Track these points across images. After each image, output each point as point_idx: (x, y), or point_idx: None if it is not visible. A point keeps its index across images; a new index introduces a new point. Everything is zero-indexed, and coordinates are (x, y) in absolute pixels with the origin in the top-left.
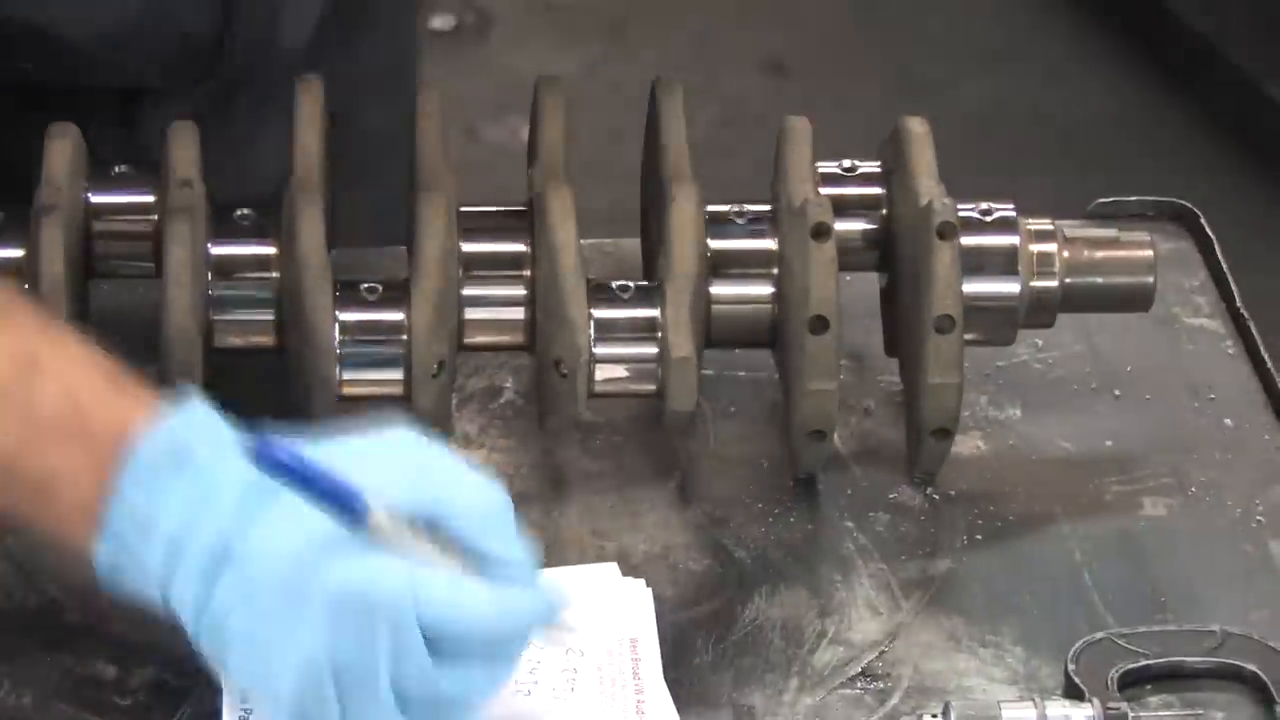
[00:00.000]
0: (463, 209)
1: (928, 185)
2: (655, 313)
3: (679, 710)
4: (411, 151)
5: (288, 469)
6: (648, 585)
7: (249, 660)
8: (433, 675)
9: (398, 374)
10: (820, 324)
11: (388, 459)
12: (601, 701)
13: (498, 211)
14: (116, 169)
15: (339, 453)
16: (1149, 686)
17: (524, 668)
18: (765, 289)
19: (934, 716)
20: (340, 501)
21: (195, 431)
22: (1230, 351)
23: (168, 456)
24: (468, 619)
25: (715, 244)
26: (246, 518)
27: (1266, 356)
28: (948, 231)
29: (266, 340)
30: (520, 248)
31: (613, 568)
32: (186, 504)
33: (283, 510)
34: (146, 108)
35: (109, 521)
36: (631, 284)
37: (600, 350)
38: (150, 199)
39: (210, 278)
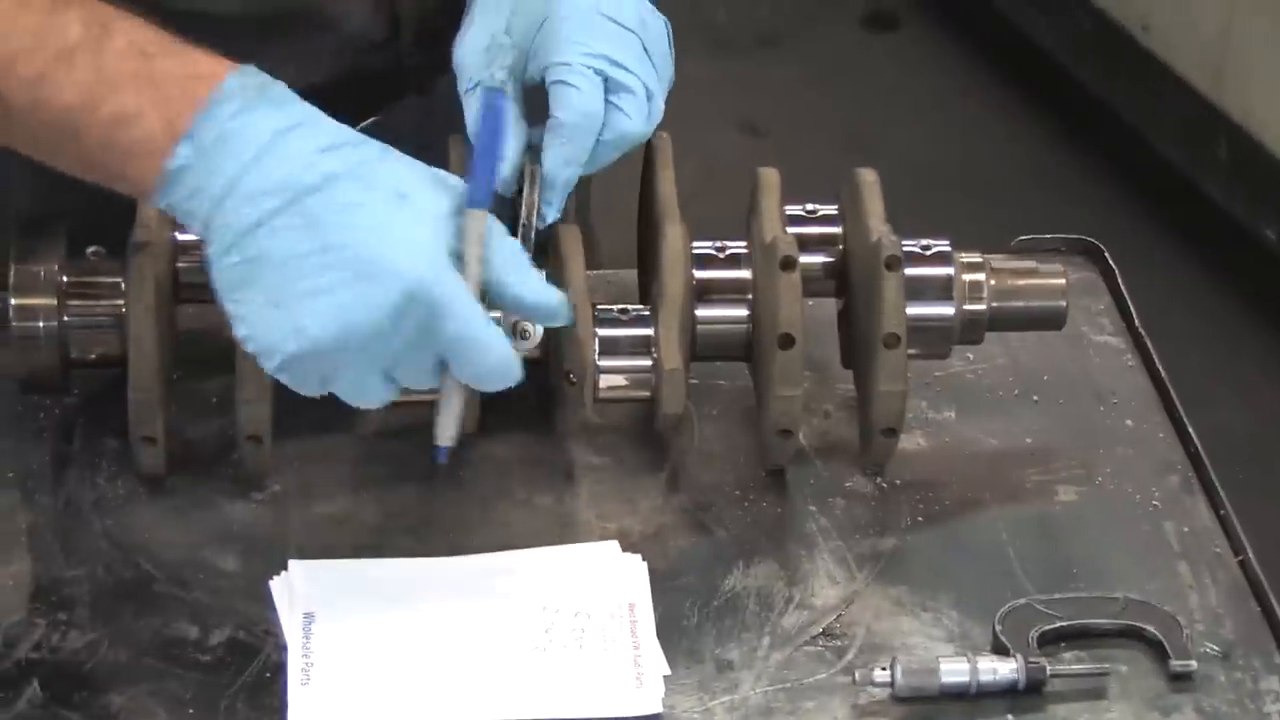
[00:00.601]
0: None
1: (877, 225)
2: (650, 331)
3: (670, 663)
4: None
5: (504, 119)
6: (643, 560)
7: (282, 282)
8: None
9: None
10: (787, 341)
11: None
12: (605, 657)
13: None
14: None
15: None
16: (1063, 644)
17: (539, 628)
18: (741, 311)
19: (883, 669)
20: (483, 179)
21: (270, 78)
22: (1130, 363)
23: (252, 85)
24: (487, 362)
25: (700, 274)
26: (329, 174)
27: (1160, 367)
28: (894, 264)
29: None
30: None
31: (613, 545)
32: (267, 123)
33: (373, 167)
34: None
35: (194, 131)
36: (630, 308)
37: (604, 363)
38: None
39: None
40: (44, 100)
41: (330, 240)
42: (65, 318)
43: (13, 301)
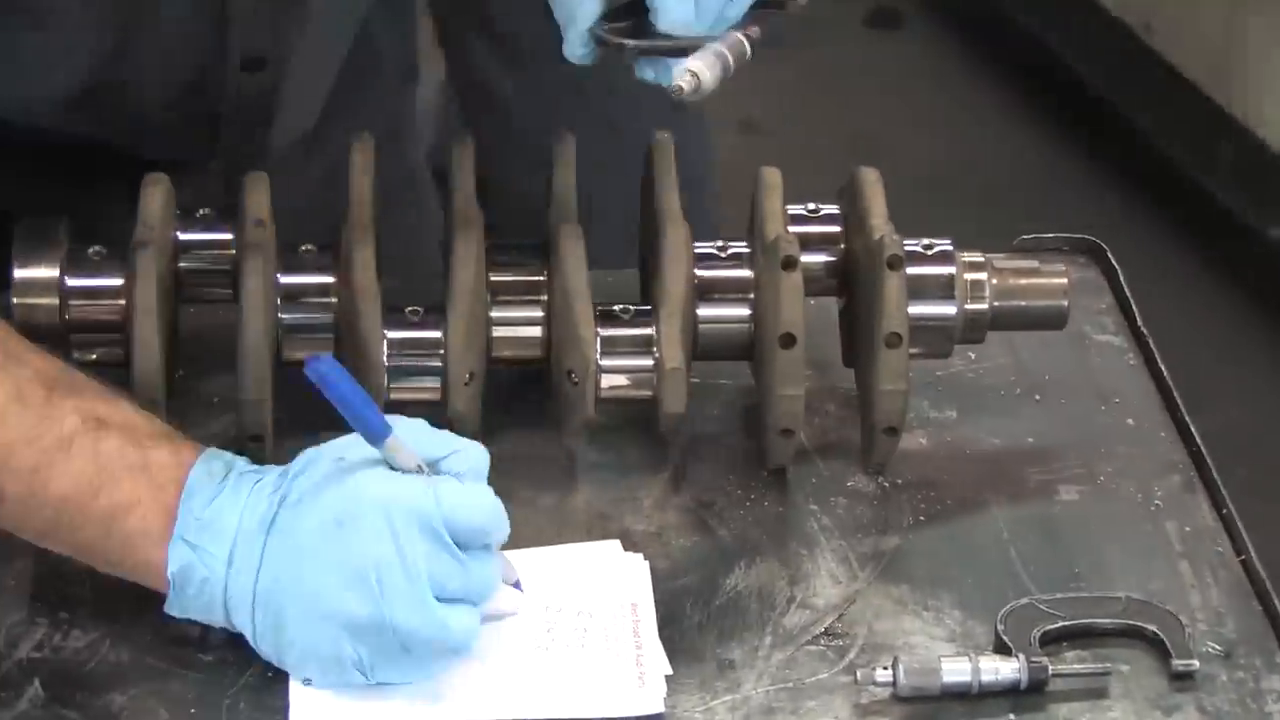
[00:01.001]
0: (489, 244)
1: (879, 224)
2: (651, 331)
3: (671, 662)
4: (446, 197)
5: (333, 380)
6: (644, 559)
7: (299, 597)
8: (462, 564)
9: (435, 383)
10: (789, 340)
11: (398, 421)
12: (607, 656)
13: (518, 246)
14: (200, 212)
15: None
16: (1065, 644)
17: (542, 628)
18: (743, 311)
19: (885, 669)
20: (367, 422)
21: (233, 457)
22: (1132, 363)
23: (218, 471)
24: (480, 513)
25: (701, 273)
26: (283, 493)
27: (1162, 367)
28: (896, 263)
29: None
30: (539, 277)
31: (615, 544)
32: (235, 500)
33: (312, 463)
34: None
35: (180, 532)
36: (631, 307)
37: (605, 362)
38: (228, 237)
39: (279, 303)
40: (39, 490)
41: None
42: (67, 318)
43: (15, 302)
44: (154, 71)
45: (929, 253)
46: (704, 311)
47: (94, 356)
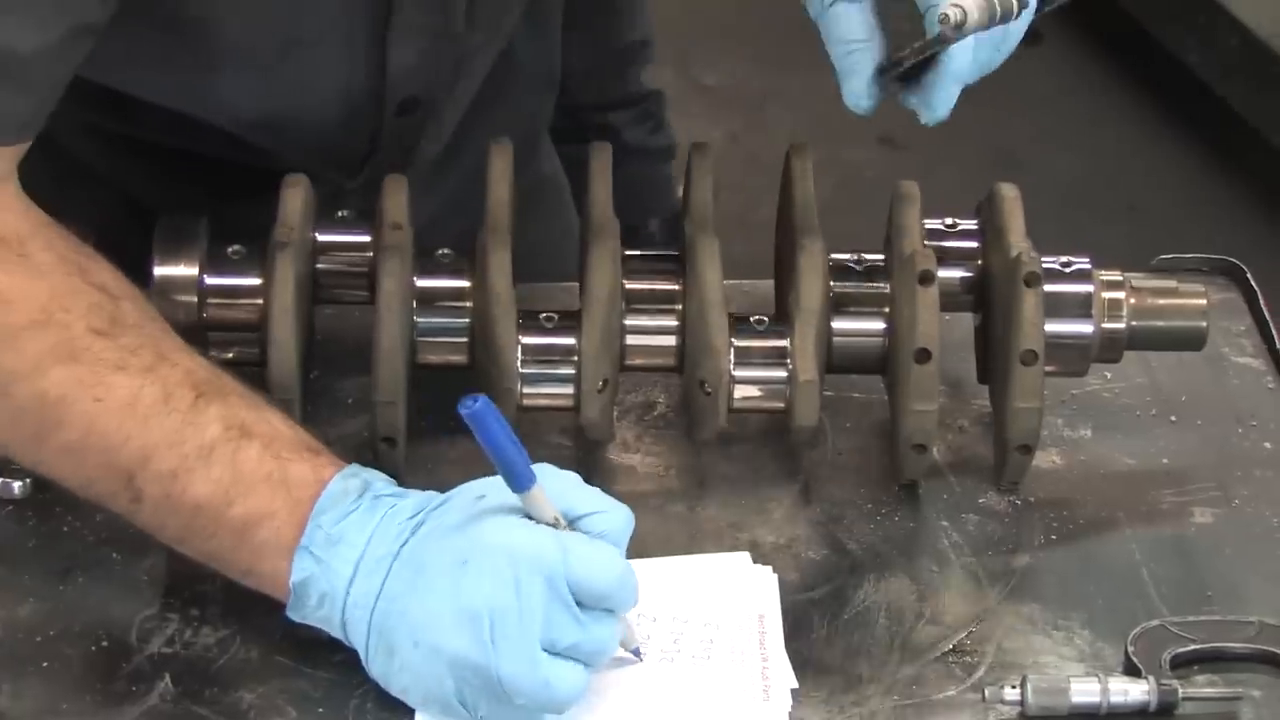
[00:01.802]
0: (626, 253)
1: (1017, 241)
2: (785, 343)
3: (798, 676)
4: (585, 204)
5: (487, 422)
6: (774, 571)
7: (413, 627)
8: (579, 623)
9: (569, 389)
10: (924, 355)
11: (548, 471)
12: (732, 668)
13: (655, 255)
14: (339, 213)
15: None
16: (1196, 668)
17: (669, 638)
18: (878, 324)
19: (1013, 688)
20: (513, 469)
21: (373, 475)
22: (1270, 386)
23: (354, 489)
24: (605, 576)
25: (837, 286)
26: (418, 522)
27: None
28: (1033, 280)
29: (460, 359)
30: (673, 286)
31: (745, 556)
32: (367, 521)
33: (451, 499)
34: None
35: (306, 543)
36: (765, 318)
37: (738, 373)
38: (367, 239)
39: (415, 306)
40: (177, 495)
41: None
42: (205, 316)
43: (154, 299)
44: (311, 114)
45: (1067, 270)
46: (839, 324)
47: (230, 355)
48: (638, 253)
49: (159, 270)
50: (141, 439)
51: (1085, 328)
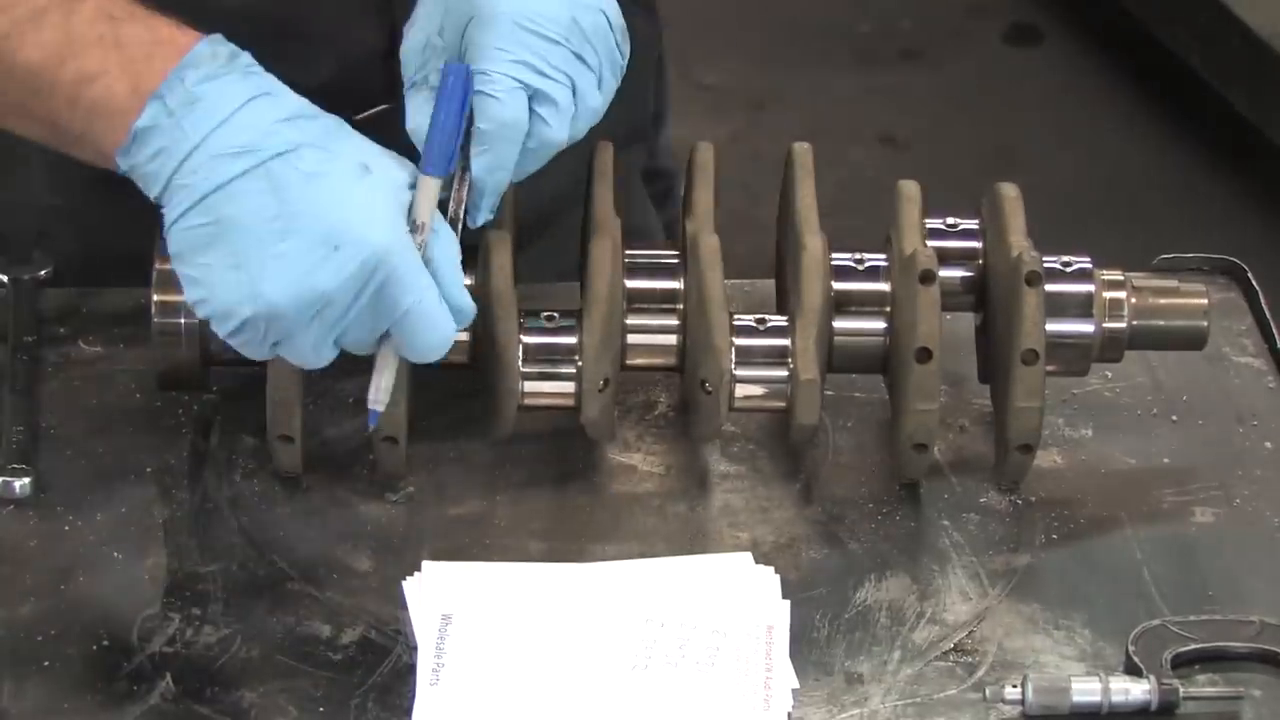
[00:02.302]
0: (627, 252)
1: (1018, 240)
2: (786, 342)
3: (799, 675)
4: (586, 202)
5: (459, 93)
6: (775, 571)
7: (237, 252)
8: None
9: (570, 388)
10: (925, 354)
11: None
12: (736, 677)
13: (656, 254)
14: None
15: None
16: (1197, 667)
17: (674, 644)
18: (879, 324)
19: (1014, 687)
20: (443, 148)
21: (241, 51)
22: (1271, 385)
23: (223, 55)
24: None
25: (838, 285)
26: (291, 141)
27: None
28: (1034, 280)
29: (461, 358)
30: (675, 285)
31: (746, 557)
32: (236, 92)
33: (329, 139)
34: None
35: (162, 92)
36: (767, 318)
37: (739, 372)
38: None
39: None
40: (9, 56)
41: (293, 207)
42: None
43: (154, 298)
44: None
45: (1067, 270)
46: (840, 324)
47: (231, 354)
48: (639, 251)
49: (160, 269)
50: None
51: (1086, 327)
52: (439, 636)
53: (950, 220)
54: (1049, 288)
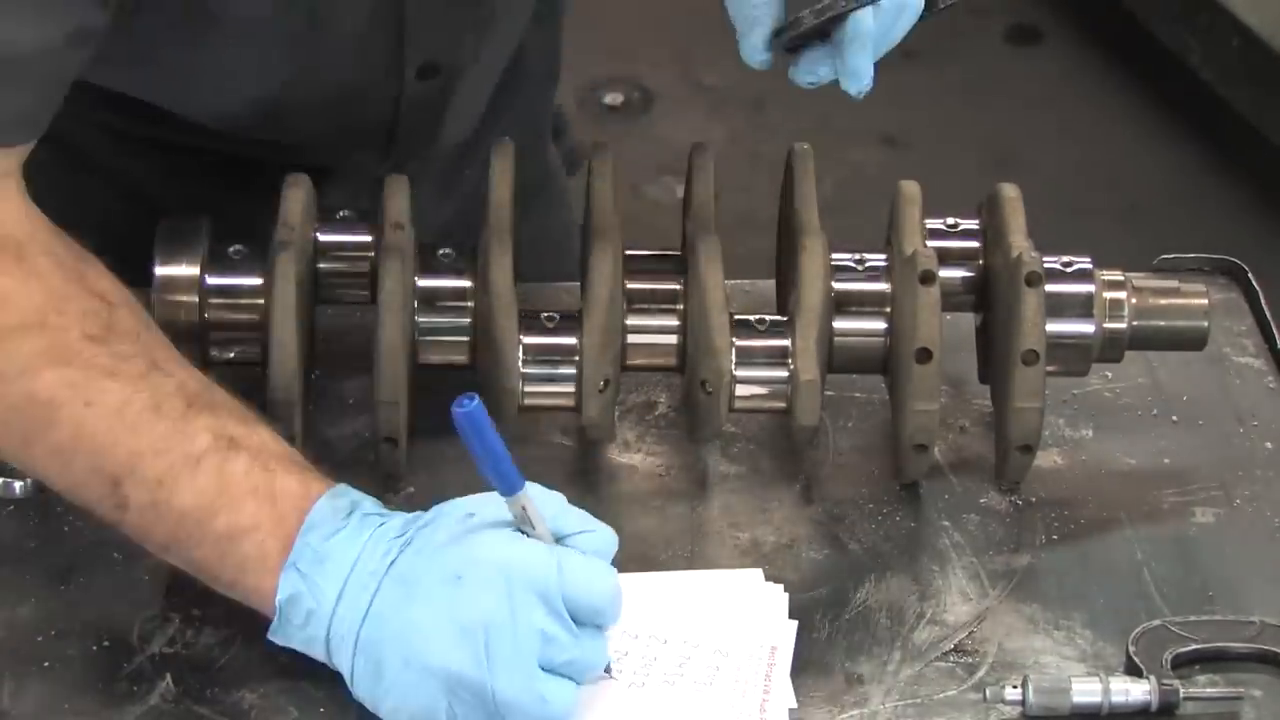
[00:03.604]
0: (627, 253)
1: (1018, 241)
2: (786, 342)
3: (799, 675)
4: (587, 204)
5: (479, 425)
6: (775, 572)
7: (404, 645)
8: (574, 639)
9: (570, 388)
10: (925, 355)
11: (536, 489)
12: (733, 698)
13: (656, 255)
14: (341, 213)
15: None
16: (1197, 667)
17: (675, 662)
18: (879, 324)
19: (1014, 687)
20: (504, 471)
21: (361, 496)
22: (1271, 386)
23: (343, 508)
24: (600, 591)
25: (838, 286)
26: (406, 540)
27: None
28: (1034, 280)
29: (461, 358)
30: (675, 286)
31: (757, 574)
32: (355, 538)
33: (441, 515)
34: (330, 183)
35: (293, 560)
36: (767, 318)
37: (739, 373)
38: (368, 239)
39: (416, 305)
40: (163, 502)
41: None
42: (206, 315)
43: (155, 298)
44: (332, 78)
45: (1068, 270)
46: (840, 324)
47: (232, 355)
48: (639, 253)
49: (160, 270)
50: (129, 445)
51: (1086, 327)
52: None
53: (950, 220)
54: (1049, 288)
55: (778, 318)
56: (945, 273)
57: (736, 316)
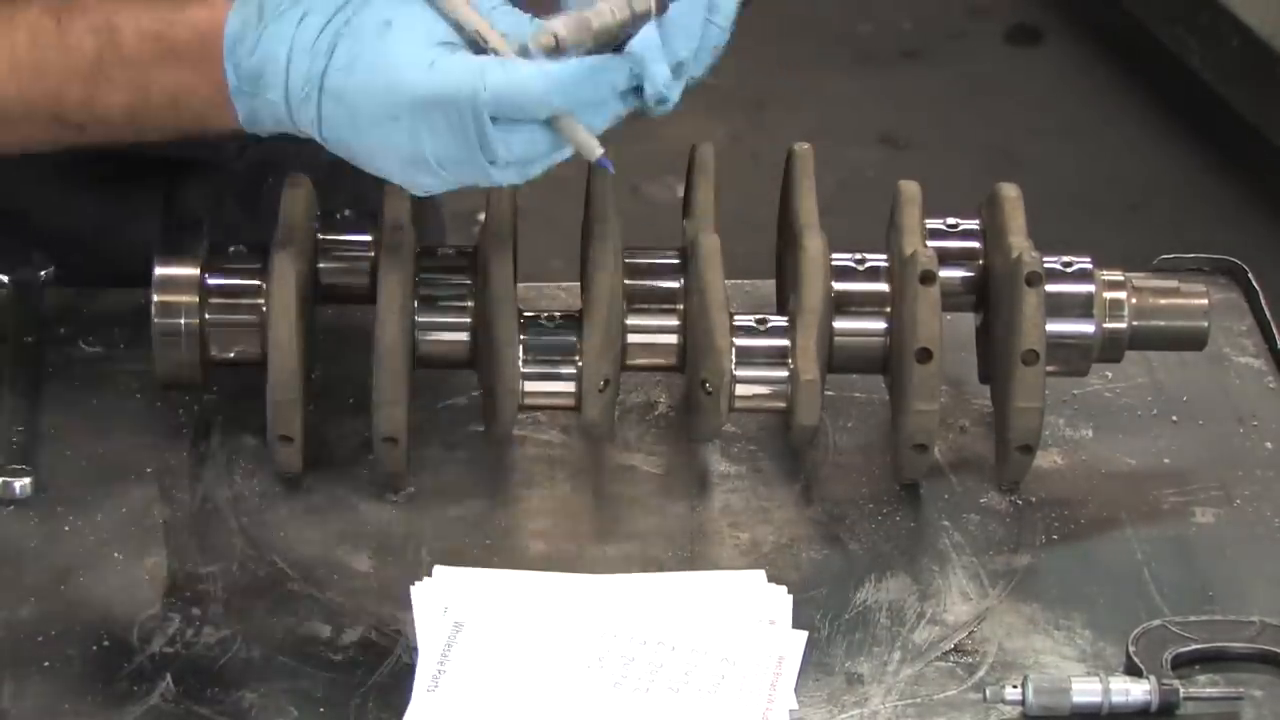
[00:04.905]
0: (627, 253)
1: (1018, 240)
2: (786, 342)
3: (799, 676)
4: (587, 202)
5: None
6: (776, 573)
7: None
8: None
9: (570, 388)
10: (925, 355)
11: None
12: (736, 708)
13: (657, 254)
14: (341, 214)
15: None
16: (1197, 667)
17: (680, 670)
18: (879, 324)
19: (1014, 687)
20: None
21: None
22: (1271, 386)
23: None
24: (523, 93)
25: (838, 286)
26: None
27: None
28: (1034, 280)
29: (462, 357)
30: (675, 285)
31: (760, 575)
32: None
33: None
34: (190, 180)
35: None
36: (767, 318)
37: (740, 373)
38: (367, 238)
39: (416, 305)
40: (102, 111)
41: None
42: (206, 316)
43: (155, 299)
44: None
45: (1068, 270)
46: (840, 324)
47: (232, 355)
48: (639, 251)
49: (160, 270)
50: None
51: (1087, 327)
52: (447, 643)
53: (950, 220)
54: (1049, 288)
55: (778, 317)
56: (945, 273)
57: (736, 316)
